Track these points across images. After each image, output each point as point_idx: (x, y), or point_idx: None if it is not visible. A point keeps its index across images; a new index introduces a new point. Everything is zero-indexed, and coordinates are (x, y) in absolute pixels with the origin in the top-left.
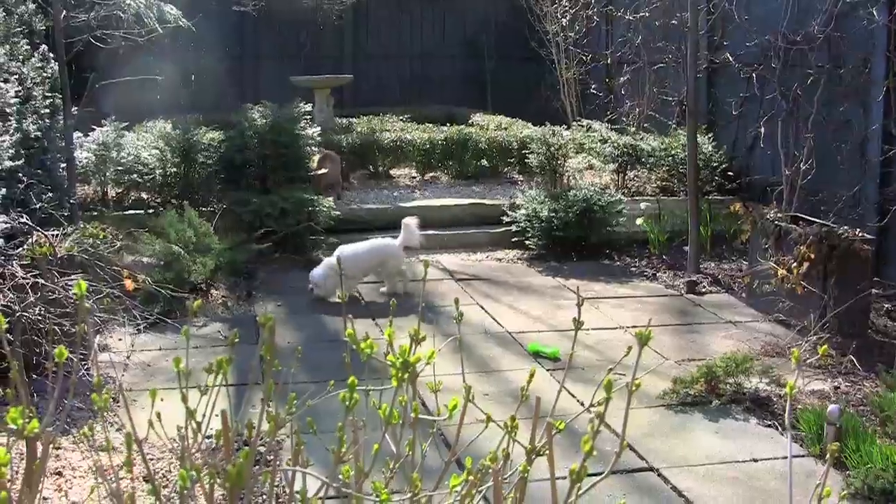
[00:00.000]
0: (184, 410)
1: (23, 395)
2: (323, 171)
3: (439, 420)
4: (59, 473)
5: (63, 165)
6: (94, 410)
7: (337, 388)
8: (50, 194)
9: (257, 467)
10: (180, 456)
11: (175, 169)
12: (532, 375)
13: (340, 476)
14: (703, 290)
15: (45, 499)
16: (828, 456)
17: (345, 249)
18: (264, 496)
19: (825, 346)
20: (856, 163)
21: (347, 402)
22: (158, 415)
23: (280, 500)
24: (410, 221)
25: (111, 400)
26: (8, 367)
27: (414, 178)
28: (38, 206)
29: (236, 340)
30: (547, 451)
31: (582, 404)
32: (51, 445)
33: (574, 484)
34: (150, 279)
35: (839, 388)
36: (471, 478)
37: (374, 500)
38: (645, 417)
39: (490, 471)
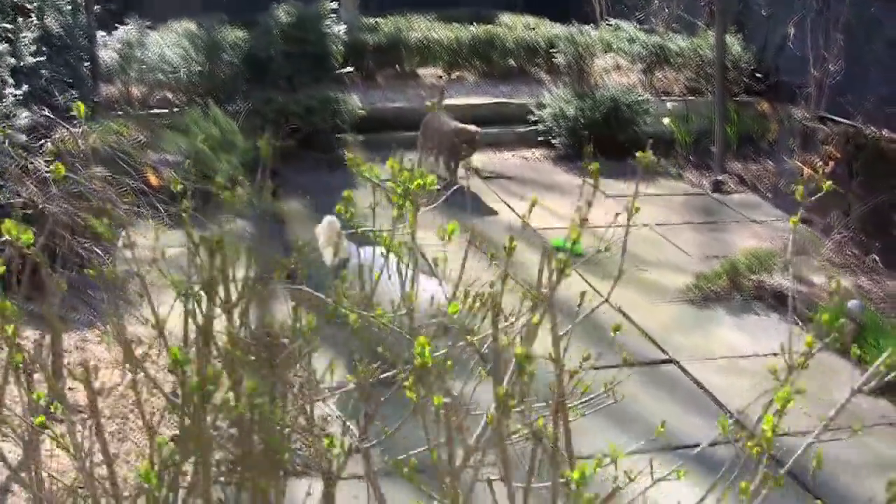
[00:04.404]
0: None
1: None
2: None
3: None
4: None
5: (86, 64)
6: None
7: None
8: (73, 91)
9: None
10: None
11: (200, 68)
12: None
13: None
14: (729, 189)
15: (70, 388)
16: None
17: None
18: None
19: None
20: (885, 64)
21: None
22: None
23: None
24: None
25: (137, 296)
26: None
27: (441, 77)
28: (60, 101)
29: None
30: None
31: (601, 295)
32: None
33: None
34: (174, 175)
35: (861, 285)
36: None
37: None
38: (667, 312)
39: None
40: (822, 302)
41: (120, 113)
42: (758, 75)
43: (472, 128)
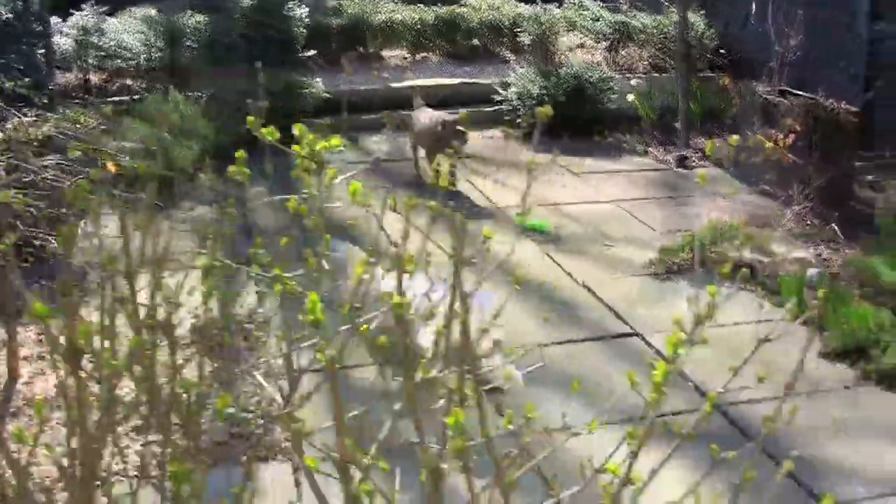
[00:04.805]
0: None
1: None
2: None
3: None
4: (43, 358)
5: (40, 51)
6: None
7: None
8: (27, 79)
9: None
10: None
11: (160, 54)
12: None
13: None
14: (693, 164)
15: (27, 382)
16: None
17: None
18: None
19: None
20: (845, 38)
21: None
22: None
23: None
24: None
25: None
26: None
27: (405, 58)
28: (12, 90)
29: None
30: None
31: (569, 275)
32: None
33: None
34: (135, 163)
35: (821, 255)
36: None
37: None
38: (631, 285)
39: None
40: (782, 271)
41: (77, 101)
42: (721, 51)
43: (451, 120)
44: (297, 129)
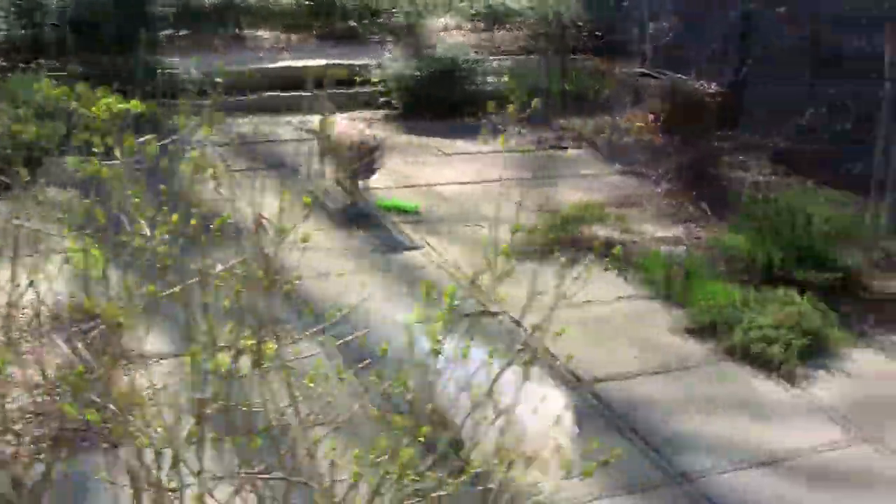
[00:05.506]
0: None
1: None
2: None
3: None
4: None
5: None
6: None
7: None
8: None
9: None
10: None
11: (23, 32)
12: None
13: None
14: (564, 145)
15: None
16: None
17: None
18: None
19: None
20: (718, 20)
21: None
22: None
23: None
24: None
25: None
26: None
27: (280, 39)
28: None
29: None
30: None
31: (440, 255)
32: None
33: None
34: None
35: (689, 233)
36: None
37: None
38: (496, 265)
39: None
40: (649, 251)
41: None
42: (597, 33)
43: (372, 139)
44: (99, 93)
